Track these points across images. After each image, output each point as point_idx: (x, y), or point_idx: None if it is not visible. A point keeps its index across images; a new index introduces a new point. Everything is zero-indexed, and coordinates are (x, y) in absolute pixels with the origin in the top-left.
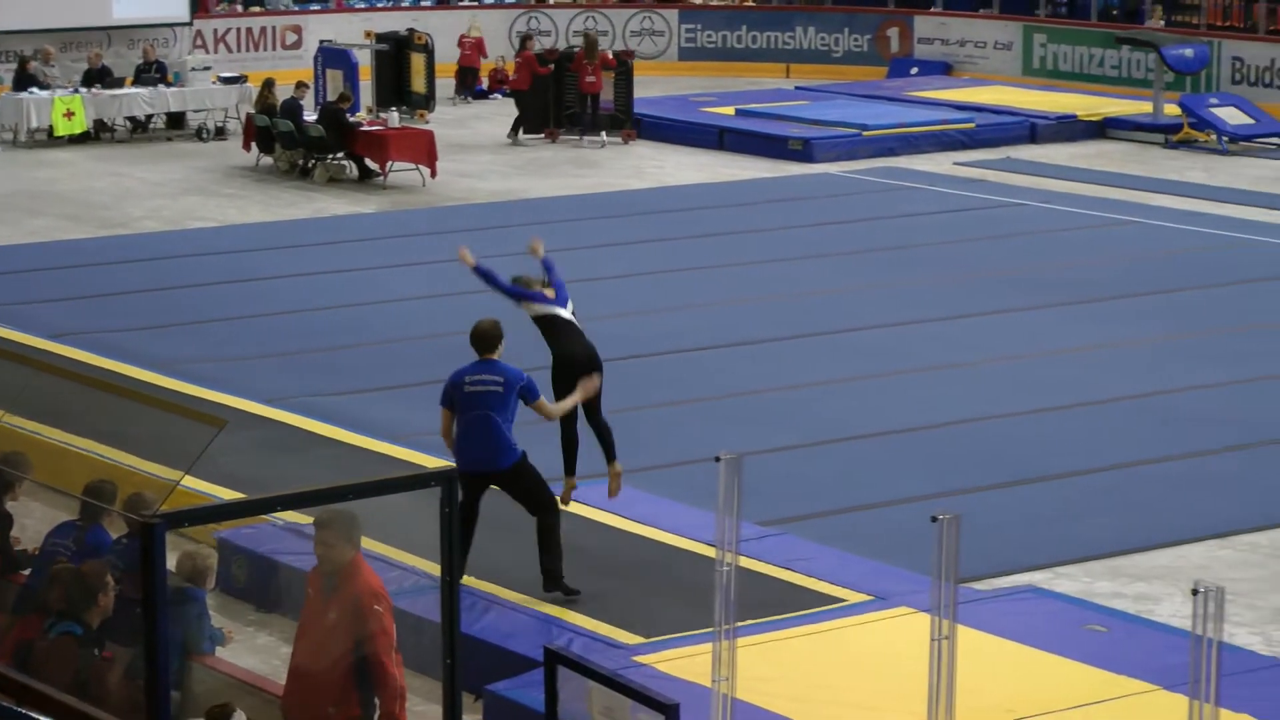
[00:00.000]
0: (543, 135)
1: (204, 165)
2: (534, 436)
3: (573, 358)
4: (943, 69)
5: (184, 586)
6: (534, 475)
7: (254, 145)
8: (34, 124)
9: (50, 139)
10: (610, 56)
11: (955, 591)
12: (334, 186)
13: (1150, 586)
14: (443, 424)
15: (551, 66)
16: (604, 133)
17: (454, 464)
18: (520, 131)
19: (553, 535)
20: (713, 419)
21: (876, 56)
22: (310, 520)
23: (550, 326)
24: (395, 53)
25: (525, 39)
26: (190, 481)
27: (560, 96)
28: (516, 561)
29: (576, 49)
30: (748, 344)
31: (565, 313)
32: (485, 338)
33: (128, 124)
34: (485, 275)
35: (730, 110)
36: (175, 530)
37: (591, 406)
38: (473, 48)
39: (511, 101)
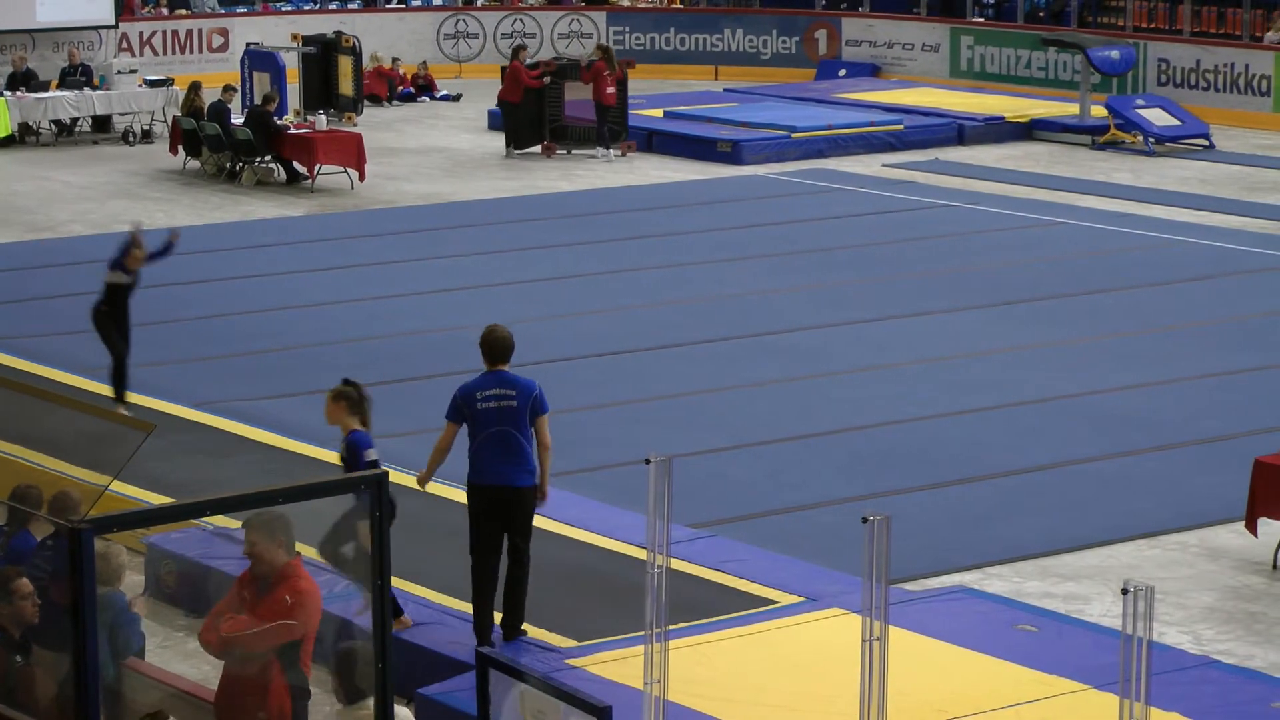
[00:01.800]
0: (539, 149)
1: (130, 169)
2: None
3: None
4: (870, 71)
5: (103, 592)
6: (532, 513)
7: (180, 148)
8: None
9: None
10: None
11: (886, 592)
12: (262, 190)
13: (1080, 586)
14: (443, 438)
15: (548, 79)
16: (604, 145)
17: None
18: (516, 144)
19: (523, 589)
20: (641, 421)
21: (804, 58)
22: (239, 525)
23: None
24: (322, 56)
25: (517, 49)
26: (118, 486)
27: (545, 109)
28: (447, 564)
29: (585, 60)
30: (677, 346)
31: None
32: (500, 346)
33: (53, 127)
34: None
35: (659, 112)
36: (103, 535)
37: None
38: (372, 75)
39: (437, 103)
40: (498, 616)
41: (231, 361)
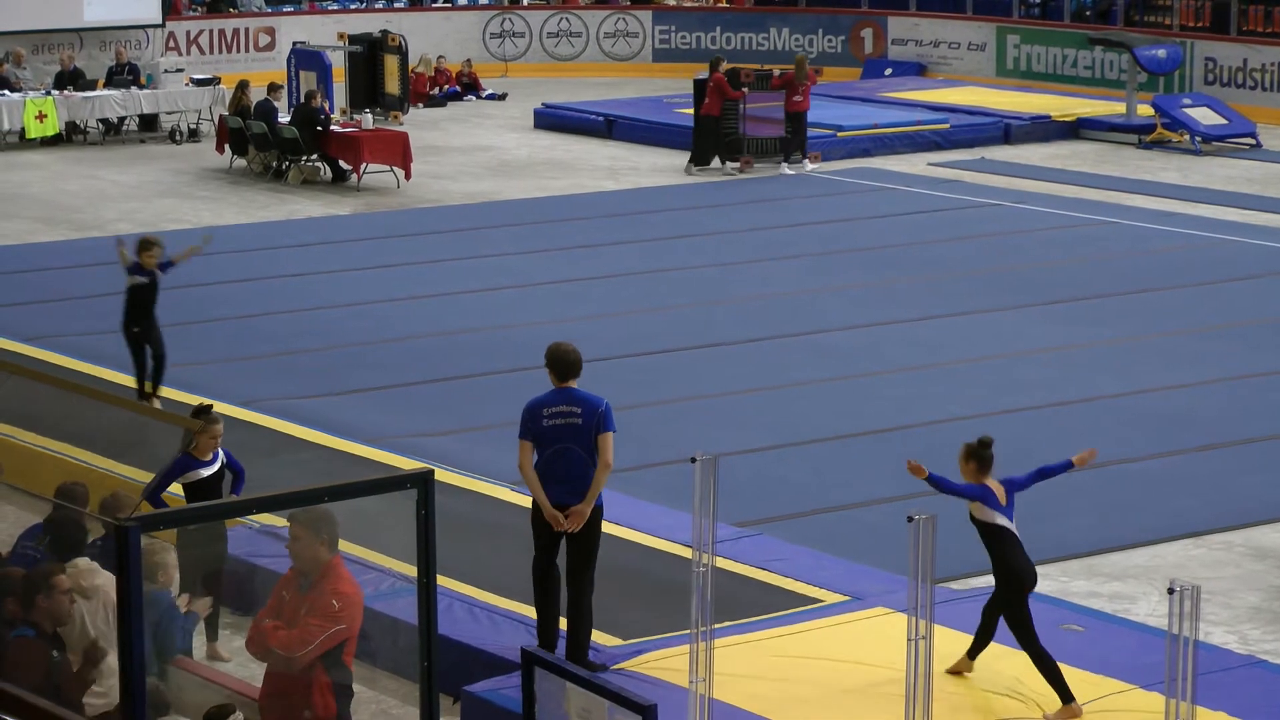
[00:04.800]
0: (737, 164)
1: (177, 167)
2: None
3: (1024, 573)
4: (917, 70)
5: (147, 590)
6: (599, 533)
7: (227, 147)
8: (5, 126)
9: (22, 141)
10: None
11: (931, 591)
12: (308, 188)
13: (1126, 586)
14: (520, 457)
15: (745, 90)
16: (787, 157)
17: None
18: (701, 161)
19: (587, 601)
20: (687, 420)
21: (851, 57)
22: (285, 523)
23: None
24: (369, 55)
25: (716, 61)
26: None
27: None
28: (494, 563)
29: (775, 70)
30: (723, 345)
31: (1012, 525)
32: (566, 362)
33: (100, 126)
34: (939, 484)
35: None
36: (149, 533)
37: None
38: (414, 80)
39: (483, 102)
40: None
41: (277, 360)
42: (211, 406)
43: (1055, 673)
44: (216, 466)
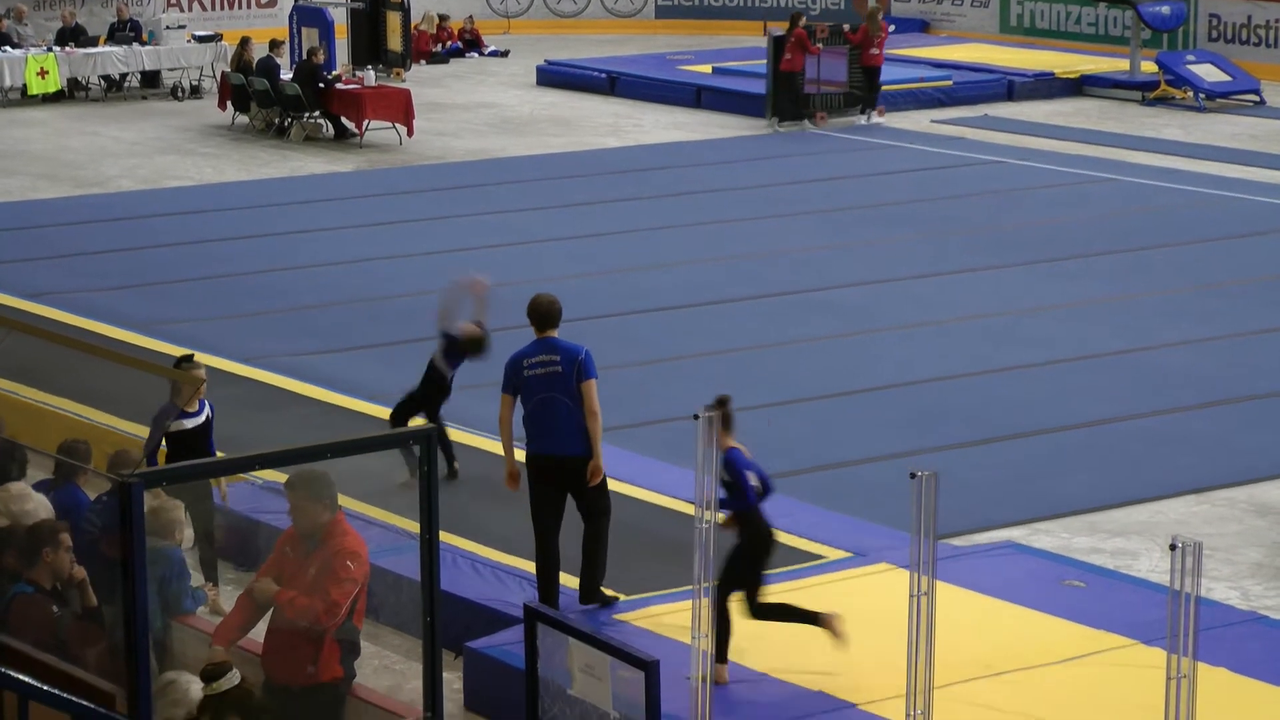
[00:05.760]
0: (814, 119)
1: (179, 124)
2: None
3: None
4: (920, 27)
5: (158, 546)
6: (604, 482)
7: (229, 104)
8: (7, 83)
9: (24, 98)
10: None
11: (934, 547)
12: (310, 145)
13: (1128, 542)
14: (501, 410)
15: (819, 46)
16: (864, 110)
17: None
18: (787, 115)
19: (602, 545)
20: (690, 377)
21: (853, 15)
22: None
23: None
24: (371, 11)
25: (796, 16)
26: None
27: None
28: (497, 518)
29: (845, 26)
30: (725, 302)
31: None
32: (546, 313)
33: (102, 83)
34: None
35: (707, 68)
36: (153, 489)
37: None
38: (418, 36)
39: (485, 59)
40: (569, 580)
41: (280, 316)
42: (192, 355)
43: (789, 611)
44: (201, 419)
